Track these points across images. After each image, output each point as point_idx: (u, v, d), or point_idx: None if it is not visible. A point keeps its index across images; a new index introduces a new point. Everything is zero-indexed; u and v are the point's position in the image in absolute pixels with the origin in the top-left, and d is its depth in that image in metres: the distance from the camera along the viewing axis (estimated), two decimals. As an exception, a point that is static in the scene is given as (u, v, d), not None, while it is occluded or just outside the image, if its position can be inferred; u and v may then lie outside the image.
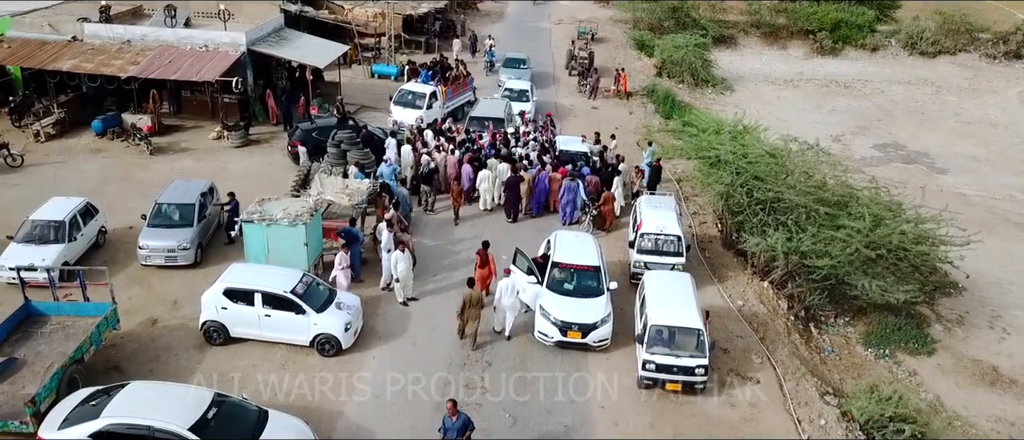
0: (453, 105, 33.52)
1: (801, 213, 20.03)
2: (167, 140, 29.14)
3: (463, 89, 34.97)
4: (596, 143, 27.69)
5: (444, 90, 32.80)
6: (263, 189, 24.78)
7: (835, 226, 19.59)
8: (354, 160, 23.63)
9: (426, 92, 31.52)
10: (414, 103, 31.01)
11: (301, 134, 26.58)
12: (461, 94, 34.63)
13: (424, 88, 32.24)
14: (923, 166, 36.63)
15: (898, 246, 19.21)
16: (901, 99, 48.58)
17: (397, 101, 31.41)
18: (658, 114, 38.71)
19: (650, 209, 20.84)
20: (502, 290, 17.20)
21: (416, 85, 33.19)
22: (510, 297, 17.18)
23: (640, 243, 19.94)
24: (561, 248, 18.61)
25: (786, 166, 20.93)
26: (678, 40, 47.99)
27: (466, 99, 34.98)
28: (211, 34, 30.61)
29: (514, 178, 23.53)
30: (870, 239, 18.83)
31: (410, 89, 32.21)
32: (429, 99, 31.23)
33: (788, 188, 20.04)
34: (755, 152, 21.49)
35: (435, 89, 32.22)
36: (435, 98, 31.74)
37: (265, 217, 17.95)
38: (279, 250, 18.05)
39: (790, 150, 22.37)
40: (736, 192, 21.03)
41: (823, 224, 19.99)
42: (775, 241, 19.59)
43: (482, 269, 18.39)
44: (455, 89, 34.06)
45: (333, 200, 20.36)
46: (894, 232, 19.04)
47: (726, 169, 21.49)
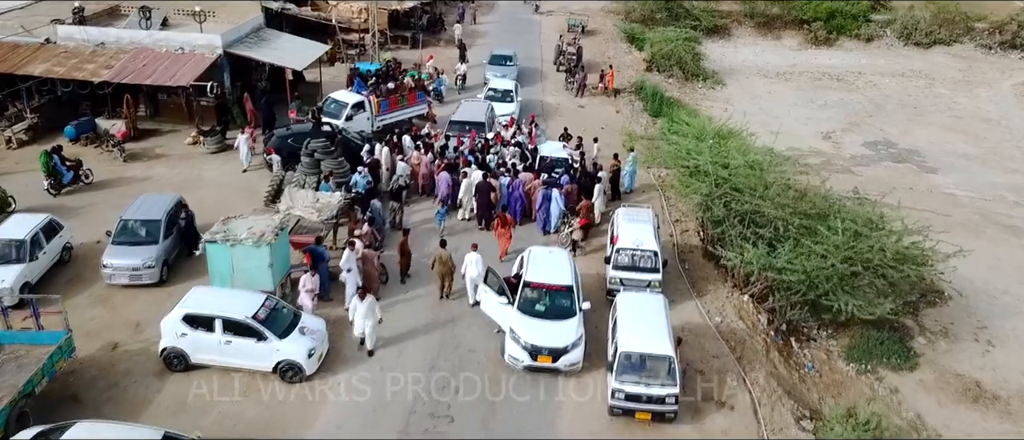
0: (392, 119, 30.12)
1: (779, 226, 19.57)
2: (142, 146, 28.63)
3: (410, 102, 31.18)
4: (577, 147, 27.15)
5: (376, 101, 29.68)
6: (237, 198, 24.46)
7: (815, 240, 19.15)
8: (328, 170, 23.15)
9: (350, 102, 28.96)
10: (336, 113, 28.36)
11: (276, 140, 26.08)
12: (404, 107, 30.81)
13: (349, 97, 29.56)
14: (913, 165, 36.12)
15: (878, 264, 18.75)
16: (893, 92, 47.98)
17: (323, 109, 29.13)
18: (646, 112, 38.21)
19: (627, 223, 20.41)
20: (467, 263, 19.02)
21: (343, 93, 30.37)
22: (475, 269, 18.78)
23: (616, 258, 19.52)
24: (533, 266, 18.19)
25: (764, 178, 20.40)
26: (668, 33, 47.37)
27: (414, 113, 31.30)
28: (187, 36, 30.01)
29: (485, 184, 23.06)
30: (847, 254, 18.38)
31: (334, 97, 29.62)
32: (352, 110, 28.54)
33: (766, 200, 19.56)
34: (735, 162, 20.98)
35: (364, 100, 29.36)
36: (362, 109, 28.98)
37: (229, 237, 17.50)
38: (244, 270, 17.62)
39: (770, 160, 21.84)
40: (714, 204, 20.56)
41: (801, 238, 19.56)
42: (752, 256, 19.16)
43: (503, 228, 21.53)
44: (395, 101, 30.49)
45: (302, 215, 19.88)
46: (873, 249, 18.58)
47: (704, 180, 21.01)
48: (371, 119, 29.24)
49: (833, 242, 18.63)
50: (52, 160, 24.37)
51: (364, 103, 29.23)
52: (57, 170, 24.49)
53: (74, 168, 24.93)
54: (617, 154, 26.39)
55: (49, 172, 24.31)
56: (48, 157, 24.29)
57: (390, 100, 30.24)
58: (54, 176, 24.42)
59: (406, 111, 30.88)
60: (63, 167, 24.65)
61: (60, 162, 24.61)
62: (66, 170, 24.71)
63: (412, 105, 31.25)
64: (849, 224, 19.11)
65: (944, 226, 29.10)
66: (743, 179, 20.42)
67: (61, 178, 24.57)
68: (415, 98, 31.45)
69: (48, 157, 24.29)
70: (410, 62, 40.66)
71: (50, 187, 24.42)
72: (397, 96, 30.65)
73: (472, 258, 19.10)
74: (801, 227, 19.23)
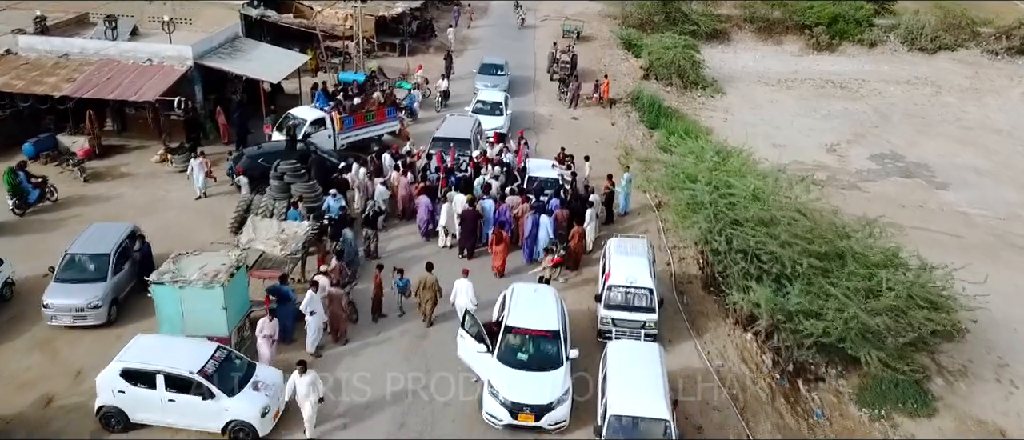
0: (358, 137, 28.16)
1: (788, 264, 17.86)
2: (107, 163, 26.95)
3: (379, 119, 29.00)
4: (568, 167, 25.44)
5: (339, 118, 27.53)
6: (203, 224, 22.83)
7: (829, 280, 17.44)
8: (297, 195, 21.47)
9: (308, 119, 26.65)
10: (290, 131, 26.09)
11: (246, 161, 24.37)
12: (372, 124, 28.71)
13: (308, 113, 27.18)
14: (922, 181, 34.46)
15: (899, 309, 17.07)
16: (899, 101, 46.35)
17: (276, 126, 27.26)
18: (643, 123, 36.53)
19: (620, 256, 18.72)
20: (456, 290, 17.95)
21: (302, 109, 28.06)
22: (465, 296, 17.69)
23: (608, 296, 17.85)
24: (516, 307, 16.50)
25: (770, 209, 18.62)
26: (666, 40, 45.66)
27: (383, 131, 29.28)
28: (155, 47, 28.35)
29: (471, 212, 21.41)
30: (870, 306, 16.69)
31: (293, 113, 27.43)
32: (310, 127, 26.26)
33: (770, 238, 17.83)
34: (738, 191, 19.25)
35: (325, 116, 27.14)
36: (322, 126, 26.79)
37: (178, 278, 15.80)
38: (195, 314, 15.94)
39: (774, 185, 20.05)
40: (713, 240, 18.84)
41: (813, 277, 17.85)
42: (758, 297, 17.46)
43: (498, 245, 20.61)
44: (361, 118, 28.39)
45: (264, 250, 18.20)
46: (899, 294, 16.88)
47: (703, 211, 19.29)
48: (333, 137, 27.03)
49: (851, 285, 16.88)
50: (17, 178, 22.83)
51: (325, 119, 27.02)
52: (22, 188, 22.89)
53: (40, 186, 23.32)
54: (611, 175, 24.68)
55: (14, 191, 22.72)
56: (13, 174, 22.75)
57: (355, 116, 28.14)
58: (19, 195, 22.80)
59: (374, 128, 28.78)
60: (29, 185, 23.05)
61: (26, 179, 23.04)
62: (32, 188, 23.11)
63: (381, 122, 29.05)
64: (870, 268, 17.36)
65: (958, 248, 27.74)
66: (746, 211, 18.65)
67: (27, 197, 22.96)
68: (384, 114, 29.21)
69: (13, 174, 22.75)
70: (396, 71, 39.09)
71: (15, 207, 22.81)
72: (363, 112, 28.55)
73: (462, 285, 17.96)
74: (816, 267, 17.48)
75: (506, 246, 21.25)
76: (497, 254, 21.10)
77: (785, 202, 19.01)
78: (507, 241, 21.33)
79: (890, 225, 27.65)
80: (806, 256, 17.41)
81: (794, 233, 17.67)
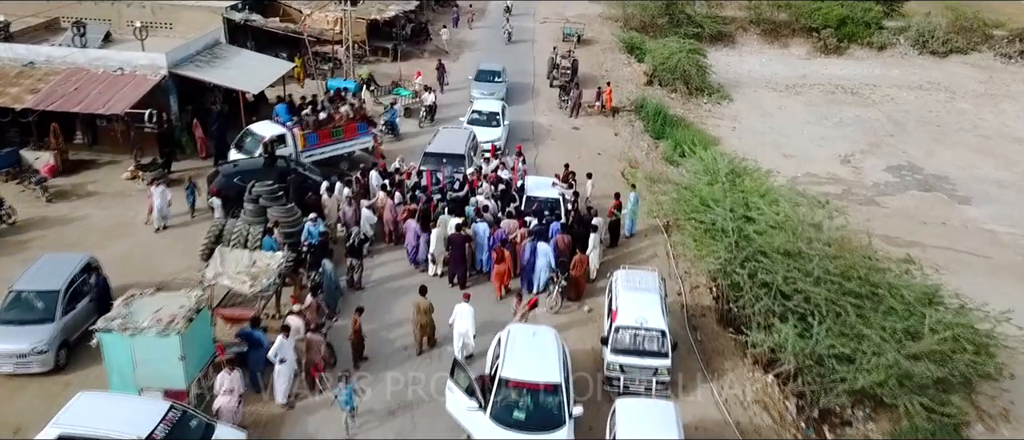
0: (323, 155, 25.74)
1: (822, 303, 15.94)
2: (73, 181, 25.08)
3: (347, 135, 26.57)
4: (569, 185, 23.54)
5: (302, 135, 25.15)
6: (172, 250, 21.00)
7: (863, 320, 15.57)
8: (273, 220, 19.60)
9: (265, 135, 24.39)
10: (251, 148, 24.24)
11: (221, 180, 22.46)
12: (339, 141, 26.34)
13: (267, 129, 24.82)
14: (943, 194, 32.61)
15: (943, 352, 15.22)
16: (913, 108, 44.52)
17: (235, 144, 25.19)
18: (647, 133, 34.69)
19: (628, 292, 16.83)
20: (456, 315, 16.70)
21: (261, 125, 25.50)
22: (464, 322, 16.56)
23: (615, 339, 15.97)
24: (512, 355, 14.61)
25: (798, 241, 16.67)
26: (671, 45, 43.80)
27: (353, 148, 26.98)
28: (127, 55, 26.52)
29: (459, 237, 19.54)
30: (910, 350, 14.83)
31: (251, 129, 25.04)
32: (270, 144, 23.93)
33: (803, 275, 15.90)
34: (762, 218, 17.30)
35: (285, 132, 24.83)
36: (282, 143, 24.51)
37: (128, 325, 13.93)
38: (149, 365, 14.10)
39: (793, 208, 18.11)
40: (735, 273, 16.96)
41: (842, 313, 15.98)
42: (784, 338, 15.61)
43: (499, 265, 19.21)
44: (326, 134, 25.88)
45: (230, 286, 16.33)
46: (944, 337, 15.03)
47: (722, 239, 17.40)
48: (294, 155, 24.74)
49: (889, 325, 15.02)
50: None
51: (285, 136, 24.70)
52: None
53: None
54: (619, 194, 22.81)
55: None
56: None
57: (320, 132, 25.65)
58: None
59: (342, 145, 26.35)
60: None
61: None
62: None
63: (350, 138, 26.59)
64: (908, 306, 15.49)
65: (986, 270, 25.92)
66: (771, 241, 16.72)
67: None
68: (354, 130, 26.68)
69: None
70: (388, 77, 37.22)
71: None
72: (330, 128, 26.05)
73: (462, 310, 16.71)
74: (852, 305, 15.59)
75: (509, 266, 19.62)
76: (498, 274, 19.62)
77: (812, 232, 17.04)
78: (509, 260, 19.64)
79: (913, 245, 26.20)
80: (842, 295, 15.51)
81: (826, 269, 15.75)
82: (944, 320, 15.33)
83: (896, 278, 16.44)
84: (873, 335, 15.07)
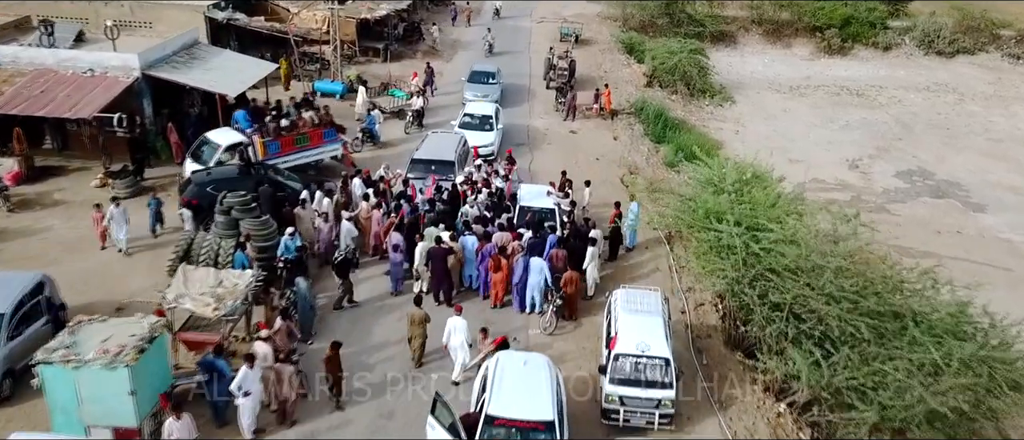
0: (286, 164, 23.70)
1: (834, 325, 14.56)
2: (39, 189, 23.64)
3: (313, 143, 24.75)
4: (565, 194, 22.12)
5: (262, 142, 23.31)
6: (137, 266, 19.68)
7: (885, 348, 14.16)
8: (245, 232, 18.16)
9: (222, 143, 22.71)
10: (207, 157, 22.56)
11: (194, 189, 21.01)
12: (304, 149, 24.46)
13: (224, 137, 23.14)
14: (956, 201, 31.30)
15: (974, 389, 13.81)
16: (921, 110, 43.21)
17: (190, 153, 23.46)
18: (647, 137, 33.30)
19: (628, 315, 15.38)
20: (449, 329, 15.73)
21: (219, 132, 23.73)
22: (459, 336, 15.57)
23: (614, 368, 14.53)
24: (500, 389, 13.18)
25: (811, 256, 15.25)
26: (672, 45, 42.40)
27: (319, 156, 25.16)
28: (97, 56, 25.05)
29: (440, 250, 18.10)
30: (939, 386, 13.41)
31: (208, 137, 23.37)
32: (225, 152, 22.43)
33: (818, 294, 14.50)
34: (772, 235, 15.88)
35: (244, 139, 23.15)
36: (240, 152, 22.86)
37: (72, 356, 12.49)
38: (96, 401, 12.66)
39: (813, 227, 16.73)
40: (744, 292, 15.54)
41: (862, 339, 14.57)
42: (798, 368, 14.20)
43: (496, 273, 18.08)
44: (289, 142, 23.95)
45: (193, 309, 14.88)
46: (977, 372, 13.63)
47: (731, 257, 15.98)
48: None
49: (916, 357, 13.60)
50: None
51: (244, 144, 23.03)
52: None
53: None
54: (619, 203, 21.39)
55: None
56: None
57: (282, 140, 23.84)
58: None
59: (307, 154, 24.56)
60: None
61: None
62: None
63: (316, 146, 24.74)
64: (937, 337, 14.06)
65: (1007, 283, 24.55)
66: (782, 258, 15.30)
67: None
68: (320, 137, 24.81)
69: None
70: (378, 79, 35.79)
71: None
72: (293, 135, 24.20)
73: (456, 324, 15.77)
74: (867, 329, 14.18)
75: (505, 275, 18.29)
76: (494, 283, 18.39)
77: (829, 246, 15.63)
78: (506, 269, 18.26)
79: (928, 255, 24.80)
80: (857, 316, 14.08)
81: (841, 286, 14.33)
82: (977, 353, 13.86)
83: (920, 300, 14.97)
84: (897, 368, 13.61)
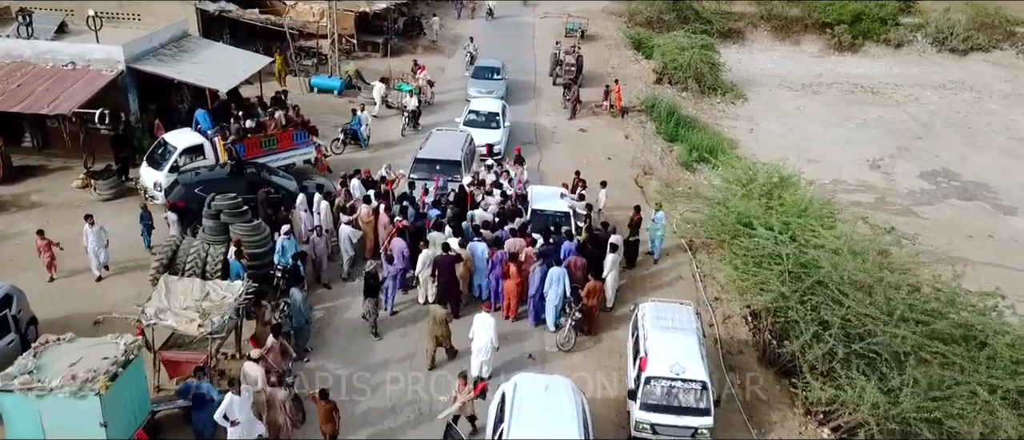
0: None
1: (904, 347, 13.02)
2: (16, 190, 22.12)
3: (283, 146, 23.07)
4: (580, 195, 20.57)
5: (224, 145, 21.67)
6: (122, 273, 18.06)
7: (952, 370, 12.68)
8: (236, 238, 16.63)
9: (179, 146, 21.03)
10: (161, 160, 21.02)
11: (180, 191, 19.48)
12: (271, 151, 22.79)
13: (182, 139, 21.45)
14: (985, 203, 29.84)
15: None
16: (939, 109, 41.77)
17: (147, 157, 21.77)
18: (660, 135, 31.83)
19: (659, 332, 13.87)
20: (475, 327, 14.79)
21: (178, 133, 22.04)
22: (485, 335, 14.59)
23: (645, 393, 13.03)
24: (519, 418, 11.70)
25: (871, 269, 13.70)
26: (682, 40, 40.91)
27: (290, 159, 23.22)
28: (79, 48, 23.48)
29: (447, 259, 16.58)
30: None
31: (165, 140, 21.67)
32: (182, 156, 20.84)
33: (884, 315, 12.95)
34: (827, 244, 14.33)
35: (204, 142, 21.52)
36: (199, 154, 21.28)
37: (34, 383, 10.96)
38: (62, 432, 11.14)
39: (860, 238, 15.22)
40: (793, 309, 13.99)
41: (925, 357, 13.09)
42: (857, 394, 12.68)
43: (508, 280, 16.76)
44: (254, 144, 22.38)
45: (174, 327, 13.35)
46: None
47: (774, 268, 14.45)
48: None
49: (997, 382, 12.09)
50: None
51: (203, 147, 21.40)
52: None
53: None
54: (639, 207, 19.86)
55: None
56: None
57: (247, 142, 22.17)
58: None
59: (275, 157, 22.73)
60: None
61: None
62: None
63: (285, 149, 23.04)
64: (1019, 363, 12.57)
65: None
66: (835, 270, 13.74)
67: None
68: (290, 139, 23.15)
69: None
70: (377, 74, 34.21)
71: None
72: (258, 138, 22.51)
73: (483, 321, 14.86)
74: (941, 353, 12.69)
75: (518, 284, 16.79)
76: (508, 293, 16.98)
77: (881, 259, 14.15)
78: (521, 277, 16.74)
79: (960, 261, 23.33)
80: (931, 338, 12.59)
81: (912, 305, 12.83)
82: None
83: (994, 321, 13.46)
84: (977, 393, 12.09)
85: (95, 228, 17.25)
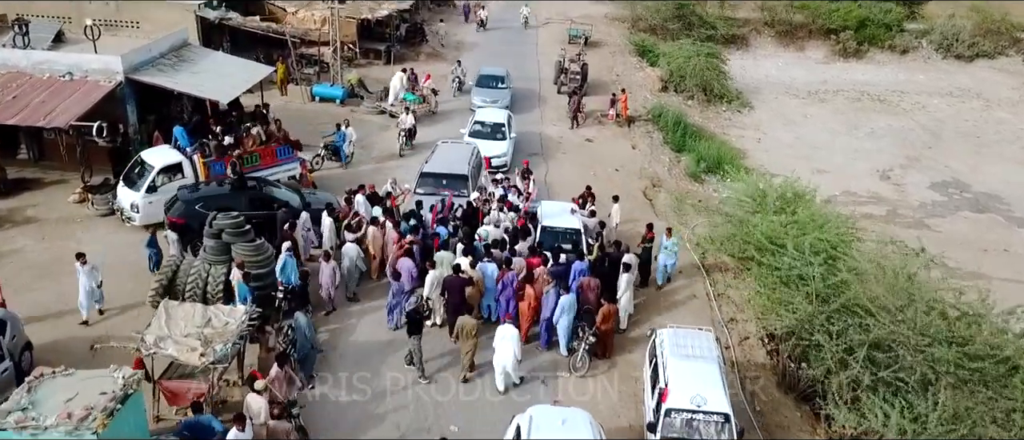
0: None
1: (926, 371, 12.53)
2: (11, 204, 21.54)
3: (265, 163, 22.29)
4: (591, 211, 20.05)
5: (203, 162, 20.89)
6: (120, 291, 17.40)
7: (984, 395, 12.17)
8: (239, 259, 16.09)
9: (156, 165, 20.16)
10: (137, 180, 20.23)
11: (180, 208, 18.92)
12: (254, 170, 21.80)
13: (159, 157, 20.60)
14: (998, 216, 29.39)
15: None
16: (947, 117, 41.35)
17: (123, 176, 20.95)
18: (667, 145, 31.37)
19: (679, 360, 13.34)
20: (499, 338, 14.69)
21: (155, 151, 21.21)
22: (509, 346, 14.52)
23: (665, 426, 12.49)
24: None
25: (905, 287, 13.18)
26: (687, 48, 40.44)
27: (275, 175, 22.09)
28: (76, 58, 22.94)
29: (457, 280, 16.03)
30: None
31: (142, 158, 20.81)
32: (159, 175, 20.00)
33: (917, 336, 12.41)
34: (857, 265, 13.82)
35: (182, 160, 20.63)
36: (178, 173, 20.45)
37: (28, 422, 10.42)
38: (57, 473, 10.58)
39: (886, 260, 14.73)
40: (817, 332, 13.46)
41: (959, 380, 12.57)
42: (881, 422, 12.16)
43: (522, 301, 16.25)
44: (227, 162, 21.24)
45: (175, 356, 12.80)
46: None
47: (804, 290, 13.91)
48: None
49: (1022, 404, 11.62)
50: None
51: (181, 165, 20.54)
52: None
53: None
54: (651, 225, 19.34)
55: None
56: None
57: (226, 160, 21.30)
58: None
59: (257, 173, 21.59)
60: None
61: None
62: None
63: (268, 165, 22.23)
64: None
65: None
66: (864, 292, 13.22)
67: None
68: (272, 155, 22.47)
69: None
70: (380, 83, 33.72)
71: None
72: (238, 154, 21.64)
73: (507, 333, 14.72)
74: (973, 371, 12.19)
75: (532, 302, 16.17)
76: (522, 314, 16.37)
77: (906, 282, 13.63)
78: (534, 299, 16.15)
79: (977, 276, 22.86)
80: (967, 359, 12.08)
81: (949, 328, 12.32)
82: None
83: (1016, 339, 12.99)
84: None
85: (86, 267, 15.94)
